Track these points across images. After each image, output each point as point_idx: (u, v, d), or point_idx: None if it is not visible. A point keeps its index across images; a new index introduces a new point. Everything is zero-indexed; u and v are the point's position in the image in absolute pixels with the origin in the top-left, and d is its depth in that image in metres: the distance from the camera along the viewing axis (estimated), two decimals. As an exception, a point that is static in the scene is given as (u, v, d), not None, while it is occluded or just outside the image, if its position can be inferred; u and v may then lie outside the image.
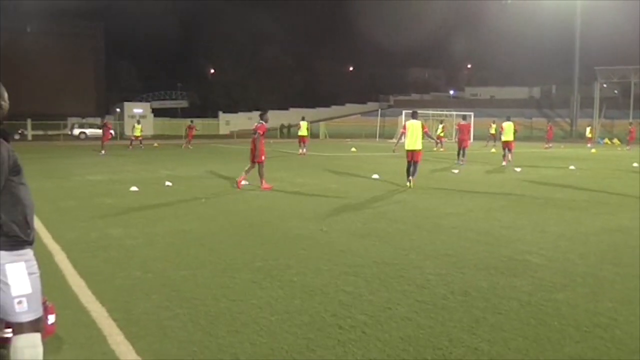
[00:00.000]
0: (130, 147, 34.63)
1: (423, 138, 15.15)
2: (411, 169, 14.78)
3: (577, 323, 4.68)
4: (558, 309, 5.02)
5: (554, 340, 4.33)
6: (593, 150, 36.47)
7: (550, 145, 40.13)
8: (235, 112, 73.52)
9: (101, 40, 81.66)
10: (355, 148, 35.00)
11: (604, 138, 57.33)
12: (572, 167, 21.32)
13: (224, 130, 68.91)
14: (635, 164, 23.61)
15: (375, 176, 16.54)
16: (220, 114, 72.99)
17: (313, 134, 64.13)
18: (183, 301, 5.18)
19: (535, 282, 5.84)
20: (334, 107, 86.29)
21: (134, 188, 13.34)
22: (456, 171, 18.59)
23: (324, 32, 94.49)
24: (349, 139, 52.72)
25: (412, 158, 14.77)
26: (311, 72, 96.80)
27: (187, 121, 41.08)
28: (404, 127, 15.35)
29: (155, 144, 39.49)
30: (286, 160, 25.32)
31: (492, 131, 39.51)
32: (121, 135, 53.69)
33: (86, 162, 23.26)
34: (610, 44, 75.14)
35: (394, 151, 17.48)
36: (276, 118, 71.40)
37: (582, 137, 47.88)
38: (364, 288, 5.57)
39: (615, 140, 54.16)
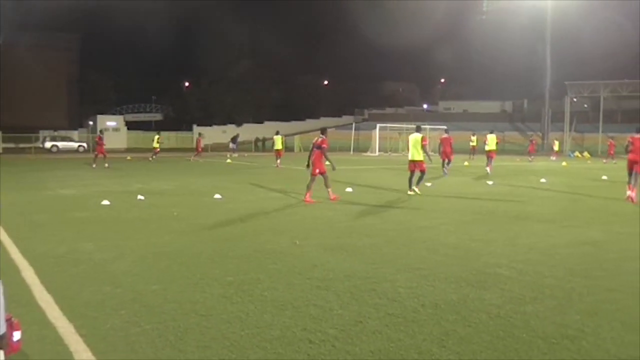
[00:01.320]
0: (150, 158, 35.74)
1: (419, 151, 16.12)
2: (413, 178, 16.09)
3: (545, 335, 4.72)
4: (527, 321, 5.07)
5: (522, 352, 4.37)
6: (564, 164, 36.97)
7: (532, 158, 40.90)
8: (210, 125, 73.35)
9: (76, 52, 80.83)
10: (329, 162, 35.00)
11: (574, 151, 58.22)
12: (543, 180, 21.59)
13: (198, 143, 68.55)
14: (604, 177, 24.01)
15: (349, 189, 16.58)
16: (195, 127, 72.71)
17: (288, 148, 64.27)
18: (152, 316, 5.12)
19: (505, 294, 5.89)
20: (308, 120, 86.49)
21: (105, 202, 13.19)
22: (429, 184, 18.69)
23: (299, 46, 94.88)
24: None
25: (414, 168, 16.12)
26: (287, 86, 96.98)
27: (161, 134, 40.83)
28: (424, 139, 16.48)
29: (129, 157, 39.16)
30: (261, 174, 25.27)
31: (473, 143, 40.17)
32: (94, 149, 53.12)
33: (59, 175, 22.97)
34: (580, 60, 76.58)
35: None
36: (251, 131, 71.47)
37: (551, 149, 48.56)
38: (335, 302, 5.57)
39: (586, 154, 55.03)
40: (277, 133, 33.04)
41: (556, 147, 48.07)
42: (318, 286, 6.13)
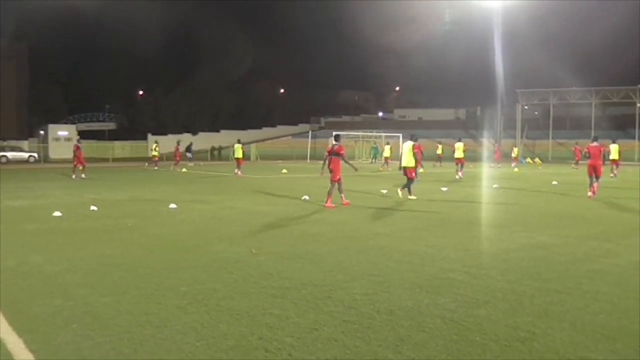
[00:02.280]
0: (156, 166, 36.12)
1: (414, 157, 17.11)
2: (410, 184, 16.93)
3: (498, 337, 4.81)
4: (480, 324, 5.16)
5: (475, 355, 4.44)
6: (516, 170, 37.75)
7: (500, 165, 41.72)
8: (165, 134, 72.49)
9: (25, 60, 78.96)
10: (286, 169, 35.07)
11: (526, 157, 59.50)
12: (495, 186, 22.01)
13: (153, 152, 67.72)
14: (554, 182, 24.59)
15: (306, 197, 16.61)
16: (150, 136, 71.76)
17: (245, 156, 64.06)
18: (105, 329, 5.04)
19: (458, 299, 5.98)
20: (265, 128, 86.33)
21: (57, 213, 12.91)
22: (385, 191, 18.87)
23: (255, 54, 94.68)
24: (280, 161, 52.76)
25: (405, 174, 17.06)
26: (243, 94, 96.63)
27: (114, 143, 40.41)
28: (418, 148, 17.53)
29: (81, 168, 38.36)
30: (218, 183, 25.11)
31: (439, 152, 40.95)
32: (45, 159, 52.01)
33: (8, 187, 22.37)
34: (531, 68, 78.38)
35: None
36: (207, 140, 70.95)
37: (506, 156, 49.50)
38: (291, 310, 5.57)
39: (537, 160, 56.27)
40: (239, 141, 32.94)
41: (514, 154, 49.11)
42: (274, 295, 6.13)
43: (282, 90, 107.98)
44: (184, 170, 35.43)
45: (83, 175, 27.52)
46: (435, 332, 4.96)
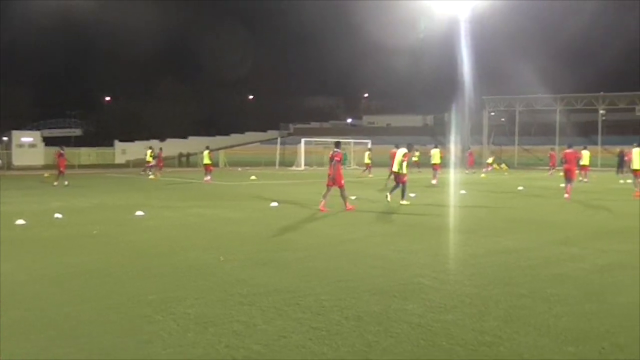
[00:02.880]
0: (150, 172, 36.16)
1: (401, 165, 17.70)
2: (397, 189, 17.63)
3: (465, 342, 4.85)
4: (447, 329, 5.20)
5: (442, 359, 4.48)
6: (482, 175, 38.20)
7: (473, 171, 42.19)
8: (132, 140, 71.72)
9: (-13, 65, 77.41)
10: (255, 176, 34.93)
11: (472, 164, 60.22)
12: (462, 192, 22.22)
13: (119, 159, 66.92)
14: (520, 188, 24.93)
15: (274, 204, 16.56)
16: (116, 142, 70.92)
17: (213, 163, 63.62)
18: (66, 340, 4.94)
19: (426, 304, 6.02)
20: (233, 135, 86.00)
21: (20, 221, 12.66)
22: (353, 197, 18.91)
23: (224, 61, 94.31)
24: (248, 167, 52.56)
25: (397, 180, 17.82)
26: (211, 100, 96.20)
27: (80, 150, 39.89)
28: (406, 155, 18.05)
29: (46, 174, 37.69)
30: (186, 189, 24.91)
31: (415, 158, 41.31)
32: (9, 166, 50.99)
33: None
34: (498, 75, 79.52)
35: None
36: (175, 147, 70.34)
37: (480, 163, 50.10)
38: (259, 317, 5.55)
39: (503, 165, 56.96)
40: (207, 148, 32.83)
41: (490, 161, 49.87)
42: (242, 302, 6.09)
43: (250, 97, 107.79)
44: (150, 177, 35.06)
45: (66, 182, 26.81)
46: (403, 337, 4.98)
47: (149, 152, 38.49)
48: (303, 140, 57.94)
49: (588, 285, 6.91)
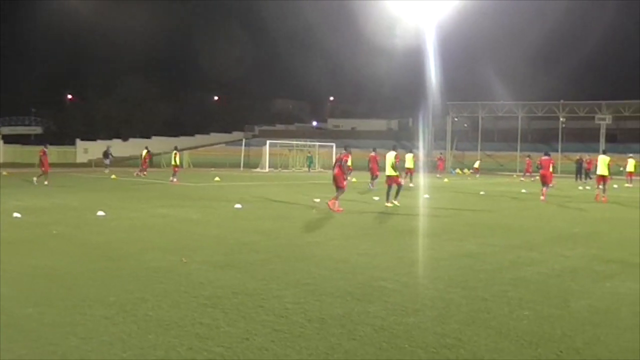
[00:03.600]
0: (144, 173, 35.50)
1: (394, 167, 18.44)
2: (391, 191, 18.09)
3: (426, 345, 4.90)
4: (409, 332, 5.23)
5: (404, 362, 4.51)
6: (445, 180, 38.64)
7: (440, 175, 42.74)
8: (94, 139, 70.62)
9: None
10: (219, 177, 34.72)
11: (455, 168, 61.02)
12: (425, 196, 22.43)
13: (81, 158, 65.86)
14: (482, 192, 25.29)
15: (238, 206, 16.48)
16: (78, 141, 69.74)
17: (181, 164, 63.00)
18: (28, 341, 4.84)
19: (389, 307, 6.05)
20: (198, 136, 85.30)
21: (-23, 221, 12.36)
22: (317, 200, 18.94)
23: (189, 62, 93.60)
24: (213, 168, 52.24)
25: (391, 183, 18.25)
26: (176, 101, 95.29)
27: (42, 148, 39.13)
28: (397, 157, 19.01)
29: (5, 173, 36.88)
30: (149, 190, 24.61)
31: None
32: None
33: None
34: (461, 81, 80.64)
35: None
36: (139, 147, 69.48)
37: (435, 166, 50.57)
38: (222, 320, 5.51)
39: (466, 170, 57.71)
40: (176, 149, 32.66)
41: (477, 165, 50.64)
42: (205, 304, 6.05)
43: (216, 98, 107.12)
44: (112, 177, 34.56)
45: (46, 182, 26.12)
46: (366, 340, 5.00)
47: (144, 152, 38.28)
48: (268, 142, 57.84)
49: (547, 289, 7.04)
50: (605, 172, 22.78)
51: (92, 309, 5.82)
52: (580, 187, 32.88)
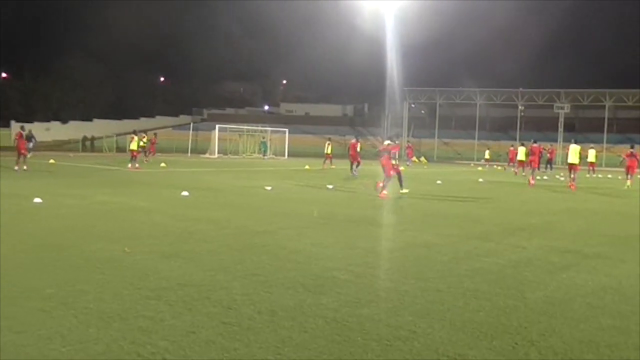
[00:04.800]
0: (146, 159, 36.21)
1: (394, 157, 18.85)
2: (401, 179, 18.90)
3: (379, 337, 4.95)
4: (362, 324, 5.28)
5: (356, 355, 4.54)
6: (402, 168, 38.95)
7: (410, 163, 43.24)
8: (31, 121, 68.79)
9: None
10: (165, 163, 34.29)
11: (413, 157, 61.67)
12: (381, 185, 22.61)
13: (17, 141, 64.05)
14: (439, 182, 25.64)
15: (185, 193, 16.32)
16: (13, 123, 67.78)
17: (120, 148, 61.96)
18: (-43, 335, 4.71)
19: (342, 298, 6.10)
20: (143, 119, 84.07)
21: None
22: (269, 188, 18.92)
23: (135, 41, 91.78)
24: (159, 154, 51.58)
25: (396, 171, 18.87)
26: (119, 82, 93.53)
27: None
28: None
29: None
30: (89, 176, 24.14)
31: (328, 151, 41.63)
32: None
33: None
34: (419, 67, 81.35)
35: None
36: (79, 130, 68.09)
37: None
38: (167, 312, 5.46)
39: (423, 159, 58.39)
40: (135, 132, 32.20)
41: (488, 156, 51.28)
42: (149, 296, 5.98)
43: (162, 79, 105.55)
44: (51, 161, 33.74)
45: (25, 167, 25.37)
46: (317, 332, 5.03)
47: (144, 138, 38.11)
48: (217, 126, 57.39)
49: (504, 280, 7.19)
50: (576, 161, 25.16)
51: (28, 301, 5.70)
52: (538, 177, 33.65)
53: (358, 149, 29.77)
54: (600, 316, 5.75)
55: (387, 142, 19.35)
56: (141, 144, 37.57)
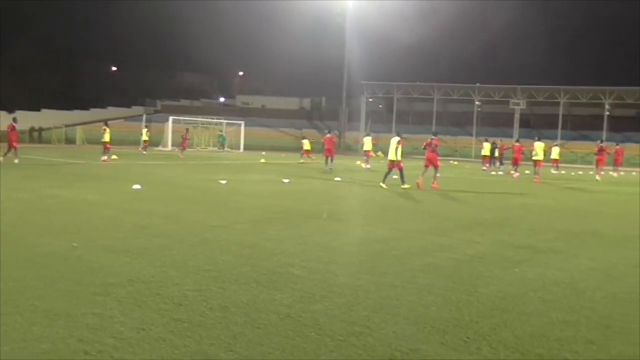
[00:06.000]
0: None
1: (397, 152, 20.29)
2: (389, 175, 20.43)
3: (333, 332, 4.98)
4: (316, 319, 5.30)
5: (310, 351, 4.56)
6: (358, 162, 39.21)
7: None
8: (-26, 111, 66.95)
9: None
10: (117, 155, 33.76)
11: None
12: (337, 179, 22.73)
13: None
14: (395, 177, 25.85)
15: (137, 186, 16.10)
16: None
17: (70, 140, 60.83)
18: None
19: (296, 294, 6.11)
20: (93, 110, 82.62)
21: None
22: (224, 182, 18.81)
23: (84, 28, 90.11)
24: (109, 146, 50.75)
25: (392, 167, 20.40)
26: (69, 70, 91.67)
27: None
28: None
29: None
30: (36, 168, 23.62)
31: (307, 147, 41.62)
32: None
33: None
34: (377, 61, 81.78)
35: None
36: (26, 120, 66.47)
37: (349, 149, 51.31)
38: (116, 309, 5.39)
39: (380, 153, 58.72)
40: (106, 124, 31.63)
41: (486, 152, 51.59)
42: (97, 292, 5.89)
43: (114, 69, 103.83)
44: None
45: (16, 161, 24.85)
46: (271, 328, 5.03)
47: (144, 130, 40.87)
48: (171, 118, 56.78)
49: (457, 275, 7.30)
50: (541, 157, 28.73)
51: (-32, 298, 5.56)
52: (493, 172, 34.22)
53: (334, 143, 31.48)
54: (551, 310, 5.89)
55: (395, 138, 20.86)
56: (145, 137, 38.95)
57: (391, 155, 20.56)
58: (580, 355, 4.73)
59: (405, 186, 19.71)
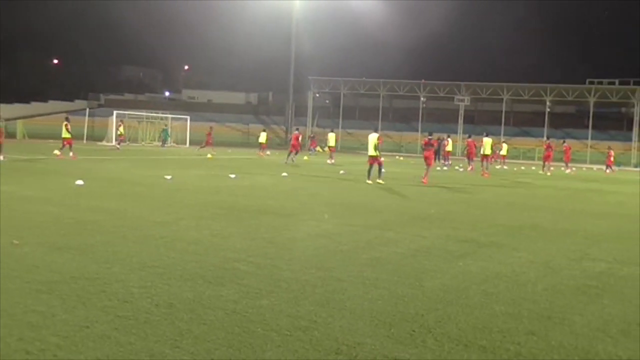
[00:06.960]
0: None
1: (377, 148, 20.74)
2: (372, 171, 20.62)
3: (279, 327, 5.00)
4: (262, 315, 5.32)
5: (256, 346, 4.57)
6: (305, 158, 39.27)
7: (312, 153, 44.19)
8: None
9: None
10: (59, 150, 32.94)
11: (316, 147, 62.15)
12: (284, 174, 22.73)
13: None
14: (342, 172, 26.03)
15: (80, 182, 15.76)
16: None
17: (10, 134, 59.03)
18: None
19: (242, 289, 6.11)
20: (34, 103, 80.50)
21: None
22: (169, 177, 18.59)
23: (24, 19, 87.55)
24: (51, 140, 49.50)
25: (373, 162, 20.75)
26: (8, 62, 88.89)
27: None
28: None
29: None
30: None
31: (263, 139, 41.58)
32: None
33: None
34: (324, 56, 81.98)
35: None
36: (-38, 113, 64.32)
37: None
38: (59, 307, 5.29)
39: (326, 149, 58.93)
40: (67, 119, 30.96)
41: (504, 151, 51.93)
42: (39, 290, 5.77)
43: (55, 61, 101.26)
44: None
45: (2, 157, 23.96)
46: (217, 324, 5.02)
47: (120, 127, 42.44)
48: (115, 112, 55.67)
49: (403, 268, 7.41)
50: (489, 152, 31.71)
51: None
52: (438, 168, 34.74)
53: (300, 140, 34.08)
54: (494, 303, 6.04)
55: (373, 134, 21.20)
56: (120, 131, 39.21)
57: (371, 151, 20.93)
58: (522, 346, 4.87)
59: (380, 181, 20.04)
